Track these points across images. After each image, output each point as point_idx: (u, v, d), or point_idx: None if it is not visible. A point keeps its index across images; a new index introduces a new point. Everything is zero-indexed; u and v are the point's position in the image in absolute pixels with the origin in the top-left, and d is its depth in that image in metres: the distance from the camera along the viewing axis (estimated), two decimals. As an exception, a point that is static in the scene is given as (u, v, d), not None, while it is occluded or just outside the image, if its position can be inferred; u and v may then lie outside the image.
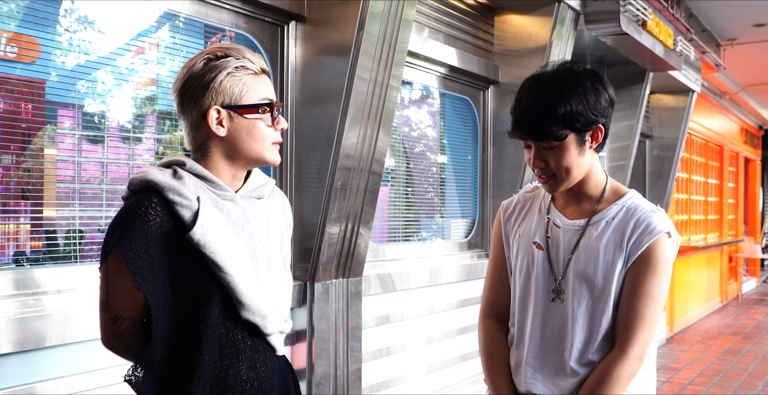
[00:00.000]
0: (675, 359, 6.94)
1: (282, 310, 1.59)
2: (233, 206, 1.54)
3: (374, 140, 3.00)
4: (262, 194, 1.62)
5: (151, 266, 1.42)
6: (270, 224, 1.61)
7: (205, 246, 1.44)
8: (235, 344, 1.51)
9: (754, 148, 14.11)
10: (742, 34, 7.86)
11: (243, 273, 1.49)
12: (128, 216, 1.42)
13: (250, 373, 1.53)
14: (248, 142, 1.52)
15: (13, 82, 2.20)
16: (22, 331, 1.97)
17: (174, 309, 1.45)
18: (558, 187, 1.71)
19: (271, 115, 1.53)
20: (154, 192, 1.45)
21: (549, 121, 1.61)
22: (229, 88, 1.50)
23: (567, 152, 1.66)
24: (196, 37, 2.75)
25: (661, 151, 7.43)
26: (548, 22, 4.19)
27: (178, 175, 1.49)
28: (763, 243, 14.97)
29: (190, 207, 1.45)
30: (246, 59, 1.52)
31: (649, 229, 1.67)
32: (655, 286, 1.66)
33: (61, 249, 2.32)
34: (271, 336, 1.57)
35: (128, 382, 1.44)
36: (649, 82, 6.01)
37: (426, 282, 3.76)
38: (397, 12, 2.93)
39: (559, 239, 1.75)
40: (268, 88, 1.55)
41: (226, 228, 1.50)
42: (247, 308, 1.49)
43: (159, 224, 1.43)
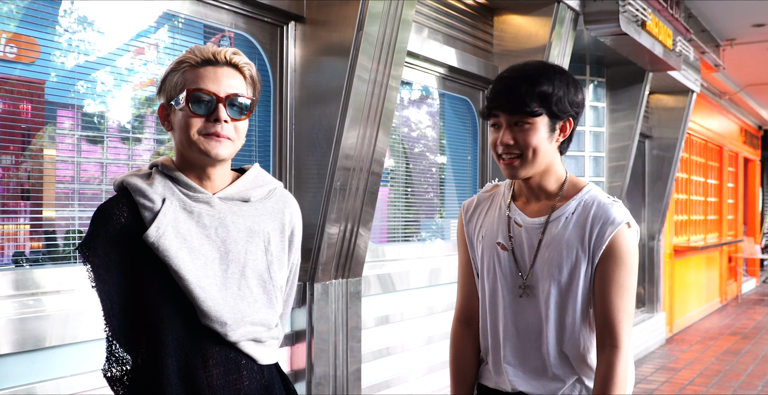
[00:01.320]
0: (675, 359, 6.94)
1: (255, 318, 1.52)
2: (207, 208, 1.50)
3: (374, 140, 3.00)
4: (249, 196, 1.56)
5: (108, 265, 1.43)
6: (254, 228, 1.55)
7: (159, 248, 1.42)
8: (200, 350, 1.47)
9: (753, 148, 14.12)
10: (742, 34, 7.86)
11: (203, 279, 1.45)
12: (96, 215, 1.46)
13: (220, 380, 1.48)
14: (180, 134, 1.49)
15: (12, 82, 2.20)
16: (22, 332, 1.97)
17: (135, 309, 1.45)
18: (522, 169, 1.70)
19: (186, 104, 1.45)
20: (126, 193, 1.48)
21: (529, 94, 1.64)
22: (169, 84, 1.50)
23: (537, 132, 1.67)
24: (196, 37, 2.75)
25: (660, 151, 7.43)
26: (548, 23, 4.19)
27: (151, 176, 1.50)
28: (763, 244, 14.97)
29: (152, 209, 1.45)
30: (190, 54, 1.49)
31: (609, 221, 1.67)
32: (626, 278, 1.67)
33: (61, 249, 2.32)
34: (240, 344, 1.51)
35: (105, 377, 1.46)
36: (648, 83, 6.01)
37: (425, 282, 3.76)
38: (397, 12, 2.94)
39: (522, 238, 1.75)
40: (207, 78, 1.47)
41: (192, 232, 1.47)
42: (205, 314, 1.45)
43: (123, 224, 1.44)
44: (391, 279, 3.50)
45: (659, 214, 7.40)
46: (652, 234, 7.51)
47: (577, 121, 1.75)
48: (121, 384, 1.46)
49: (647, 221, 7.49)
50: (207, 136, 1.46)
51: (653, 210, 7.43)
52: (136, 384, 1.45)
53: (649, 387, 5.84)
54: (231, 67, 1.51)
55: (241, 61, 1.52)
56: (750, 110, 12.36)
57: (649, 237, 7.53)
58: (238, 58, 1.51)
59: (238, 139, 1.52)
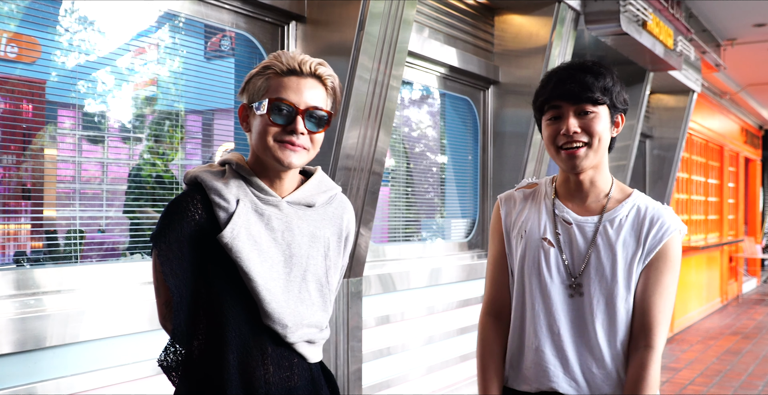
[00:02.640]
0: (675, 359, 6.94)
1: (312, 320, 1.57)
2: (276, 212, 1.54)
3: (374, 140, 3.00)
4: (314, 202, 1.60)
5: (181, 259, 1.47)
6: (316, 233, 1.59)
7: (232, 249, 1.46)
8: (260, 347, 1.52)
9: (754, 148, 14.11)
10: (742, 34, 7.86)
11: (269, 281, 1.50)
12: (170, 209, 1.50)
13: (275, 377, 1.53)
14: (256, 138, 1.53)
15: (13, 82, 2.20)
16: (23, 331, 1.97)
17: (201, 304, 1.50)
18: (586, 159, 1.69)
19: (268, 113, 1.50)
20: (200, 189, 1.51)
21: (594, 85, 1.67)
22: (252, 87, 1.53)
23: (602, 121, 1.70)
24: (196, 37, 2.75)
25: (661, 151, 7.43)
26: (548, 22, 4.19)
27: (226, 175, 1.54)
28: (764, 243, 14.97)
29: (227, 210, 1.49)
30: (276, 60, 1.52)
31: (665, 227, 1.71)
32: (672, 281, 1.71)
33: (62, 249, 2.32)
34: (297, 345, 1.56)
35: (160, 366, 1.51)
36: (649, 82, 6.01)
37: (426, 282, 3.76)
38: (398, 12, 2.94)
39: (573, 235, 1.74)
40: (291, 88, 1.51)
41: (262, 234, 1.51)
42: (268, 316, 1.50)
43: (197, 221, 1.48)
44: (391, 279, 3.50)
45: (660, 214, 7.39)
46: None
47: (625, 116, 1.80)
48: (176, 374, 1.51)
49: (648, 221, 7.48)
50: (282, 144, 1.50)
51: (654, 210, 7.42)
52: (192, 374, 1.51)
53: (649, 387, 5.83)
54: (315, 78, 1.54)
55: (325, 73, 1.55)
56: (751, 110, 12.35)
57: (650, 237, 7.51)
58: (322, 70, 1.54)
59: (313, 148, 1.56)
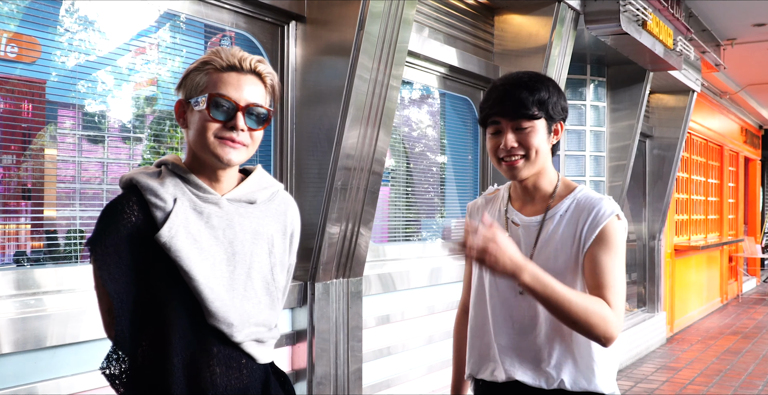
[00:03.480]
0: (675, 359, 6.94)
1: (259, 319, 1.54)
2: (216, 210, 1.51)
3: (374, 140, 3.00)
4: (255, 198, 1.58)
5: (119, 263, 1.43)
6: (259, 230, 1.57)
7: (171, 249, 1.43)
8: (205, 349, 1.48)
9: (754, 147, 14.11)
10: (742, 33, 7.86)
11: (211, 279, 1.47)
12: (105, 213, 1.46)
13: (223, 379, 1.50)
14: (194, 134, 1.49)
15: (13, 82, 2.20)
16: (23, 331, 1.98)
17: (142, 307, 1.46)
18: (524, 169, 1.80)
19: (207, 108, 1.46)
20: (135, 191, 1.48)
21: (529, 100, 1.76)
22: (190, 82, 1.50)
23: (538, 134, 1.79)
24: (196, 37, 2.75)
25: (661, 151, 7.43)
26: (548, 22, 4.19)
27: (162, 175, 1.50)
28: (763, 243, 14.96)
29: (164, 209, 1.45)
30: (216, 56, 1.49)
31: (600, 214, 1.76)
32: (616, 264, 1.73)
33: (62, 249, 2.32)
34: (244, 344, 1.53)
35: (103, 374, 1.47)
36: (649, 82, 6.01)
37: (426, 282, 3.76)
38: (397, 12, 2.93)
39: (520, 236, 1.84)
40: (230, 84, 1.48)
41: (202, 232, 1.48)
42: (212, 315, 1.47)
43: (133, 223, 1.45)
44: (391, 279, 3.50)
45: (660, 214, 7.40)
46: (652, 234, 7.51)
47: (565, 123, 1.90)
48: (120, 382, 1.47)
49: (648, 220, 7.49)
50: (221, 140, 1.48)
51: (654, 209, 7.43)
52: (137, 382, 1.46)
53: (649, 386, 5.84)
54: (254, 75, 1.52)
55: (265, 70, 1.53)
56: (750, 110, 12.35)
57: (650, 237, 7.52)
58: (262, 67, 1.52)
59: (252, 145, 1.53)
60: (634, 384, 5.89)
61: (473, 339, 1.93)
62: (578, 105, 5.69)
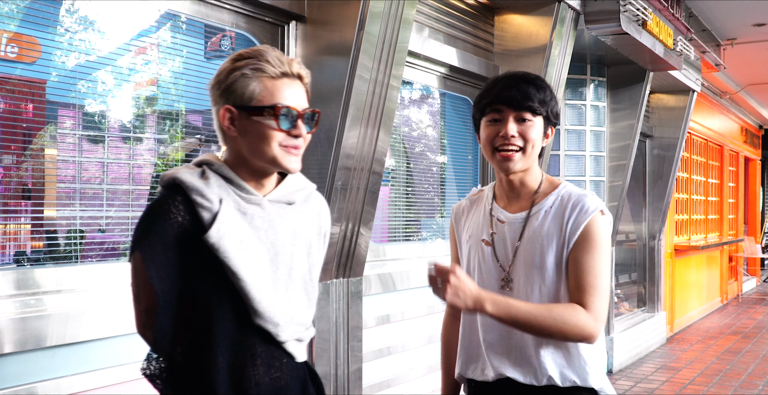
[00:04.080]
0: (675, 358, 6.94)
1: (300, 318, 1.57)
2: (258, 210, 1.53)
3: (374, 140, 3.00)
4: (294, 199, 1.61)
5: (166, 263, 1.45)
6: (298, 230, 1.59)
7: (219, 249, 1.44)
8: (249, 348, 1.51)
9: (754, 147, 14.11)
10: (742, 33, 7.86)
11: (258, 280, 1.49)
12: (151, 212, 1.47)
13: (265, 378, 1.53)
14: (256, 143, 1.51)
15: (13, 82, 2.20)
16: (23, 331, 1.98)
17: (187, 307, 1.47)
18: (519, 162, 1.80)
19: (275, 119, 1.49)
20: (179, 190, 1.48)
21: (534, 96, 1.78)
22: (240, 89, 1.50)
23: (536, 129, 1.80)
24: (197, 37, 2.75)
25: (661, 151, 7.43)
26: (548, 22, 4.19)
27: (206, 175, 1.51)
28: (764, 243, 14.96)
29: (210, 209, 1.46)
30: (266, 62, 1.51)
31: (584, 210, 1.77)
32: (600, 260, 1.74)
33: (62, 249, 2.32)
34: (287, 344, 1.56)
35: (144, 375, 1.48)
36: (649, 82, 6.01)
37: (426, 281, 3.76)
38: (398, 12, 2.94)
39: (505, 232, 1.85)
40: (287, 93, 1.52)
41: (247, 233, 1.50)
42: (259, 315, 1.49)
43: (180, 223, 1.46)
44: (391, 279, 3.50)
45: (660, 214, 7.40)
46: (652, 234, 7.51)
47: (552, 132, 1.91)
48: (161, 381, 1.48)
49: (648, 220, 7.49)
50: (286, 149, 1.51)
51: (654, 209, 7.43)
52: (177, 381, 1.48)
53: (649, 386, 5.84)
54: (298, 79, 1.57)
55: (304, 71, 1.58)
56: (751, 109, 12.35)
57: (650, 237, 7.52)
58: (304, 71, 1.57)
59: (305, 148, 1.58)
60: (634, 384, 5.89)
61: (462, 338, 1.94)
62: (578, 105, 5.69)
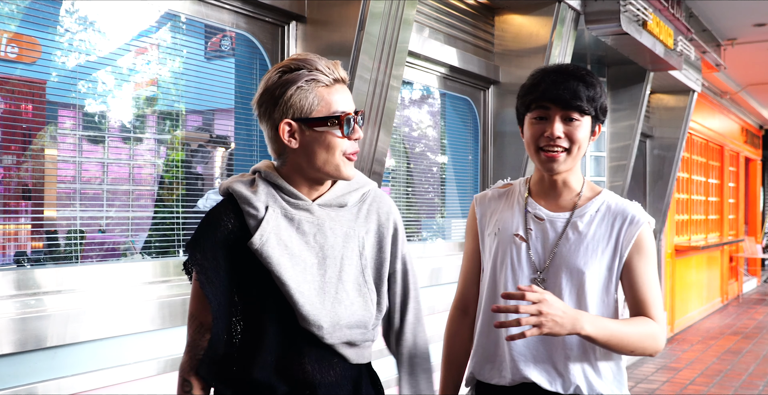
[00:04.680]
0: (676, 359, 6.94)
1: (351, 321, 1.56)
2: (307, 215, 1.56)
3: (375, 140, 3.00)
4: (346, 202, 1.61)
5: (216, 268, 1.52)
6: (350, 233, 1.60)
7: (262, 255, 1.49)
8: (298, 350, 1.54)
9: (754, 147, 14.11)
10: (743, 33, 7.85)
11: (302, 284, 1.51)
12: (205, 220, 1.56)
13: (314, 374, 1.55)
14: (320, 153, 1.53)
15: (13, 82, 2.20)
16: (23, 331, 1.98)
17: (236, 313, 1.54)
18: (564, 163, 1.75)
19: (340, 128, 1.52)
20: (232, 199, 1.57)
21: (583, 94, 1.71)
22: (298, 102, 1.52)
23: (584, 129, 1.74)
24: (197, 37, 2.75)
25: (661, 151, 7.43)
26: (548, 22, 4.19)
27: (255, 183, 1.57)
28: (764, 243, 14.96)
29: (256, 217, 1.52)
30: (318, 71, 1.53)
31: (635, 221, 1.76)
32: (653, 270, 1.77)
33: (62, 249, 2.32)
34: (336, 346, 1.56)
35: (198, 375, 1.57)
36: (649, 82, 6.01)
37: (426, 282, 3.76)
38: (398, 12, 2.93)
39: (544, 231, 1.79)
40: (341, 99, 1.55)
41: (293, 238, 1.53)
42: (304, 318, 1.51)
43: (230, 230, 1.54)
44: (392, 279, 3.50)
45: (660, 214, 7.40)
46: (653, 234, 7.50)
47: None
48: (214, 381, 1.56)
49: (648, 221, 7.48)
50: (348, 157, 1.55)
51: (654, 209, 7.42)
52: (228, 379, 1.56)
53: (650, 386, 5.84)
54: (344, 82, 1.60)
55: (345, 74, 1.60)
56: (751, 110, 12.35)
57: (650, 237, 7.51)
58: (347, 75, 1.60)
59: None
60: (635, 385, 5.88)
61: (480, 337, 1.86)
62: (578, 105, 5.68)
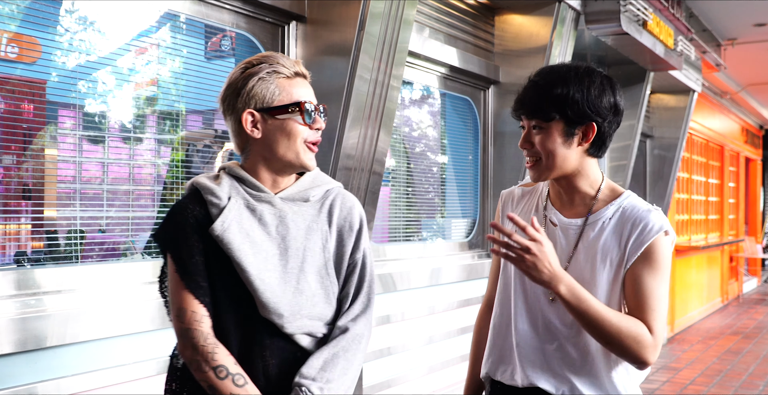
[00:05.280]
0: (676, 359, 6.94)
1: (311, 312, 1.60)
2: (268, 207, 1.61)
3: (375, 140, 3.00)
4: (308, 196, 1.66)
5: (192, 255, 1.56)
6: (313, 226, 1.64)
7: (223, 240, 1.54)
8: (259, 340, 1.57)
9: (754, 147, 14.11)
10: (743, 33, 7.85)
11: (263, 272, 1.55)
12: (173, 211, 1.62)
13: (275, 370, 1.57)
14: (281, 141, 1.60)
15: (13, 82, 2.20)
16: (23, 331, 1.97)
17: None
18: (542, 173, 1.70)
19: (301, 114, 1.59)
20: (196, 193, 1.63)
21: (543, 98, 1.65)
22: (260, 92, 1.59)
23: (551, 137, 1.67)
24: (197, 37, 2.75)
25: (661, 151, 7.43)
26: (549, 22, 4.19)
27: (219, 177, 1.64)
28: (764, 243, 14.96)
29: (218, 205, 1.58)
30: (279, 65, 1.61)
31: (648, 229, 1.66)
32: (659, 284, 1.65)
33: (62, 249, 2.32)
34: (296, 336, 1.59)
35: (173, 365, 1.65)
36: (649, 82, 6.01)
37: (427, 282, 3.76)
38: (398, 12, 2.93)
39: (557, 238, 1.74)
40: (302, 90, 1.63)
41: (255, 228, 1.58)
42: (264, 306, 1.55)
43: (196, 217, 1.58)
44: (392, 279, 3.50)
45: (660, 214, 7.39)
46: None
47: (607, 126, 1.69)
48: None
49: (648, 221, 7.47)
50: (308, 146, 1.62)
51: (654, 209, 7.42)
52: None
53: (650, 386, 5.84)
54: (306, 77, 1.68)
55: (308, 72, 1.69)
56: (751, 110, 12.35)
57: (651, 237, 7.51)
58: (308, 73, 1.68)
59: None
60: (635, 385, 5.88)
61: (495, 338, 1.84)
62: (579, 105, 5.68)
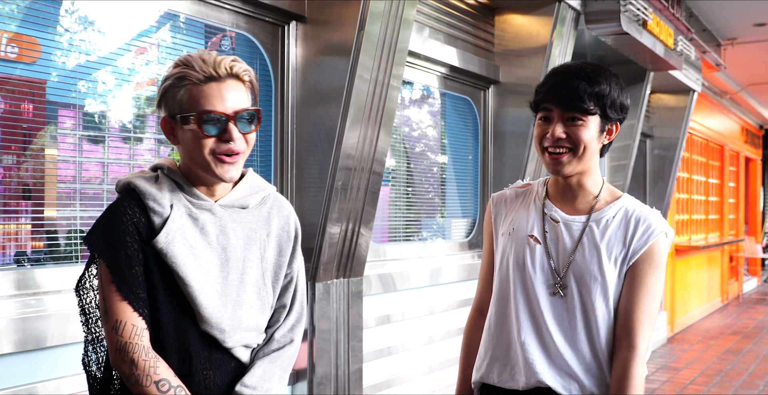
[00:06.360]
0: (676, 359, 6.94)
1: (250, 324, 1.55)
2: (210, 216, 1.53)
3: (375, 140, 3.00)
4: (247, 203, 1.58)
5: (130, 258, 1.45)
6: (251, 235, 1.57)
7: (167, 255, 1.45)
8: (198, 353, 1.50)
9: (754, 147, 14.11)
10: (743, 33, 7.85)
11: (206, 286, 1.48)
12: (110, 214, 1.47)
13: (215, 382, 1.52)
14: (191, 151, 1.49)
15: (13, 82, 2.20)
16: (24, 331, 1.98)
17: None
18: (568, 165, 1.72)
19: (198, 126, 1.45)
20: (134, 195, 1.50)
21: (585, 91, 1.67)
22: (171, 99, 1.48)
23: (589, 129, 1.70)
24: (197, 37, 2.75)
25: (661, 151, 7.43)
26: (549, 22, 4.19)
27: (159, 180, 1.52)
28: (764, 243, 14.96)
29: (161, 214, 1.47)
30: (190, 68, 1.46)
31: (651, 229, 1.73)
32: (656, 284, 1.72)
33: (62, 249, 2.32)
34: (234, 350, 1.55)
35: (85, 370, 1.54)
36: (649, 82, 6.00)
37: (427, 282, 3.76)
38: (398, 12, 2.93)
39: (560, 234, 1.76)
40: (213, 97, 1.46)
41: (197, 239, 1.49)
42: (205, 321, 1.48)
43: (136, 225, 1.46)
44: (392, 279, 3.50)
45: (660, 214, 7.40)
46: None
47: (621, 125, 1.78)
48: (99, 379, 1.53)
49: (648, 221, 7.47)
50: (218, 157, 1.47)
51: (654, 209, 7.42)
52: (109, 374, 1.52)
53: (650, 386, 5.84)
54: (232, 78, 1.49)
55: (241, 69, 1.50)
56: (751, 109, 12.35)
57: (651, 237, 7.50)
58: (238, 67, 1.49)
59: (248, 149, 1.53)
60: (635, 384, 5.88)
61: (489, 339, 1.85)
62: (579, 105, 5.68)
